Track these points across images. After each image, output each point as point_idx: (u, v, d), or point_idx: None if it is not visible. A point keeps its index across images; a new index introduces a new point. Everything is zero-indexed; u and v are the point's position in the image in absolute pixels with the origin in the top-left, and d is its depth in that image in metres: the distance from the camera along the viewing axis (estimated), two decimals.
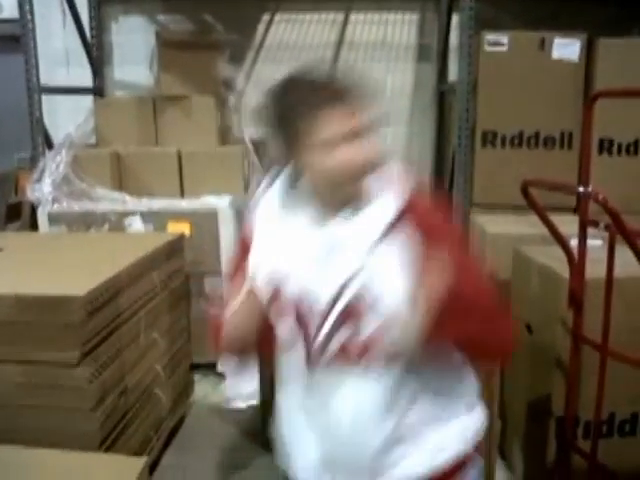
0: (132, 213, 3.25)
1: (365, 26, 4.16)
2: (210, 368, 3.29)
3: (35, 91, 3.40)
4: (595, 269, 1.92)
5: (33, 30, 3.38)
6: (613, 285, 1.84)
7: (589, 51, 3.16)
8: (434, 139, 4.15)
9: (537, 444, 2.17)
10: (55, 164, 3.37)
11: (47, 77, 3.62)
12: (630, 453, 1.90)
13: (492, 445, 2.08)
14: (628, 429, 2.13)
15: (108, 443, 2.11)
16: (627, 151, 3.18)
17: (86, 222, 3.27)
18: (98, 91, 4.17)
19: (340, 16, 4.14)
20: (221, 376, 3.24)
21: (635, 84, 2.61)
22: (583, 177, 1.93)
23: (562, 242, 1.96)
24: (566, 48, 3.19)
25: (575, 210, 2.30)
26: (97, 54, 4.17)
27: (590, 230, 1.95)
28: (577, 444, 2.03)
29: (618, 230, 1.73)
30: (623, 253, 1.80)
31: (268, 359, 1.39)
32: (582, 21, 3.30)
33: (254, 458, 2.65)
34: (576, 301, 1.94)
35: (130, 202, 3.29)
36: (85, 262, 2.42)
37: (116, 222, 3.25)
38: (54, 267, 2.37)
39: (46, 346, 1.98)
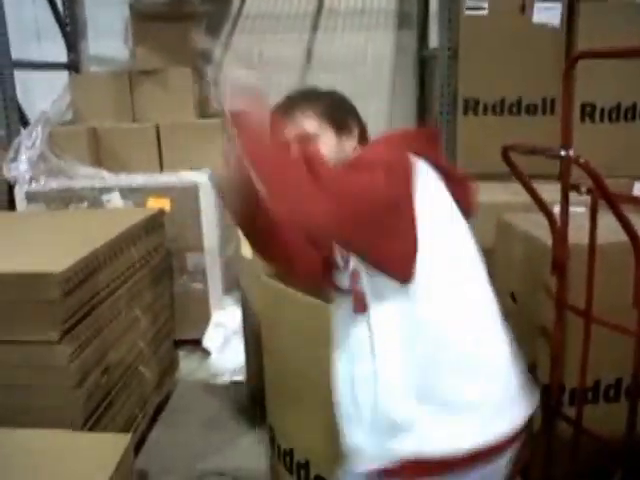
0: (110, 189, 3.20)
1: None
2: (195, 344, 3.27)
3: (7, 66, 3.31)
4: (578, 235, 1.90)
5: (1, 3, 3.28)
6: (596, 251, 1.82)
7: (570, 14, 3.12)
8: (416, 107, 4.11)
9: None
10: (31, 142, 3.30)
11: (19, 52, 3.53)
12: (615, 418, 1.90)
13: None
14: (613, 394, 2.13)
15: (92, 422, 2.10)
16: (609, 117, 3.16)
17: (64, 200, 3.22)
18: (73, 66, 4.09)
19: None
20: (206, 352, 3.23)
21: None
22: (564, 140, 1.89)
23: (544, 208, 1.93)
24: (547, 11, 3.14)
25: (559, 177, 2.29)
26: (70, 28, 4.08)
27: (574, 198, 1.92)
28: (563, 411, 2.03)
29: (600, 194, 1.70)
30: (606, 219, 1.78)
31: None
32: None
33: (241, 434, 2.65)
34: (559, 268, 1.93)
35: (108, 178, 3.24)
36: (63, 240, 2.39)
37: (94, 199, 3.21)
38: (31, 245, 2.33)
39: (25, 325, 1.95)
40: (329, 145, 1.39)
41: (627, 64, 2.60)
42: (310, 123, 1.40)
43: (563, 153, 1.79)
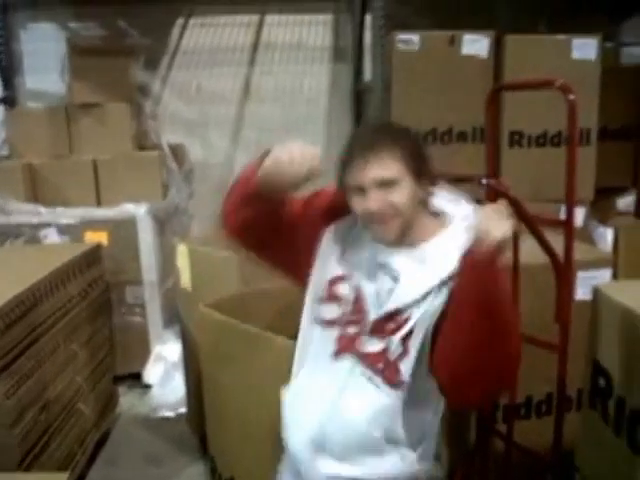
0: (47, 225, 3.17)
1: (280, 28, 4.18)
2: (135, 379, 3.24)
3: None
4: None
5: None
6: (520, 272, 1.90)
7: (498, 48, 3.25)
8: None
9: (459, 429, 2.21)
10: None
11: None
12: (547, 432, 1.97)
13: None
14: (544, 409, 2.20)
15: (29, 460, 2.06)
16: (537, 143, 3.28)
17: (0, 236, 3.17)
18: (8, 101, 4.04)
19: (255, 18, 4.15)
20: (147, 387, 3.20)
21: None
22: (490, 167, 1.98)
23: None
24: (475, 44, 3.26)
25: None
26: (6, 63, 4.04)
27: None
28: (496, 427, 2.09)
29: (519, 217, 1.79)
30: (531, 241, 1.86)
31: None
32: (492, 19, 3.40)
33: (183, 467, 2.62)
34: None
35: (45, 214, 3.21)
36: None
37: (31, 235, 3.17)
38: None
39: None
40: (406, 194, 1.32)
41: (552, 94, 2.72)
42: (394, 166, 1.31)
43: (484, 180, 1.87)
